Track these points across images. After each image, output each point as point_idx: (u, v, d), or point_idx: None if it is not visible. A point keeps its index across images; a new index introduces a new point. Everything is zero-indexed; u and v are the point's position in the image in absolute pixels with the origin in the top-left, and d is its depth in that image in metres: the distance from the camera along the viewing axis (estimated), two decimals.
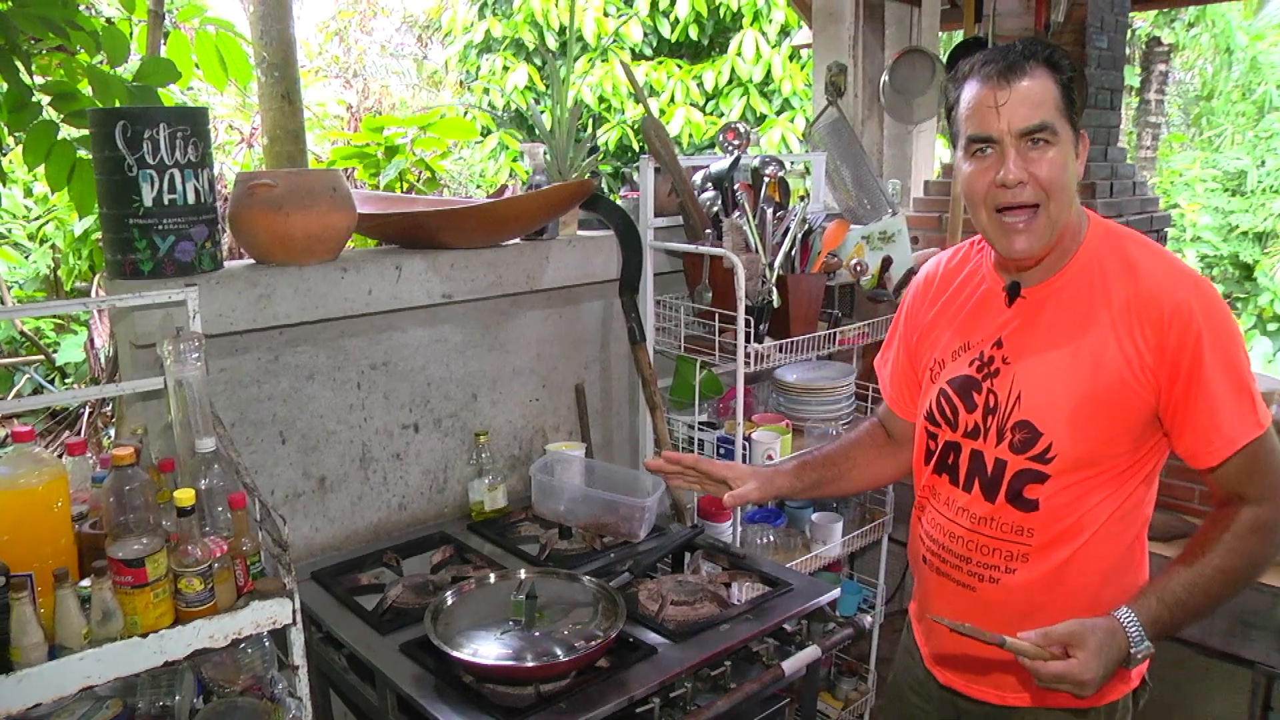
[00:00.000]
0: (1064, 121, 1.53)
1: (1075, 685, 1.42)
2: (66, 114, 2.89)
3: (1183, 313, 1.51)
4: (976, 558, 1.69)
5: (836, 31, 4.05)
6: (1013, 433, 1.63)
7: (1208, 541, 1.55)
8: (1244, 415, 1.52)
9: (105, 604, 1.49)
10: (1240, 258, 11.75)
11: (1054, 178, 1.52)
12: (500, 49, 10.04)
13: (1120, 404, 1.55)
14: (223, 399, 2.28)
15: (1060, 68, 1.53)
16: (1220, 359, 1.51)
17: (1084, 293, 1.60)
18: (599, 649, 1.87)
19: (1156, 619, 1.49)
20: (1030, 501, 1.62)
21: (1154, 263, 1.59)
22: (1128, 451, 1.59)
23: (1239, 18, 12.99)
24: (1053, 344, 1.60)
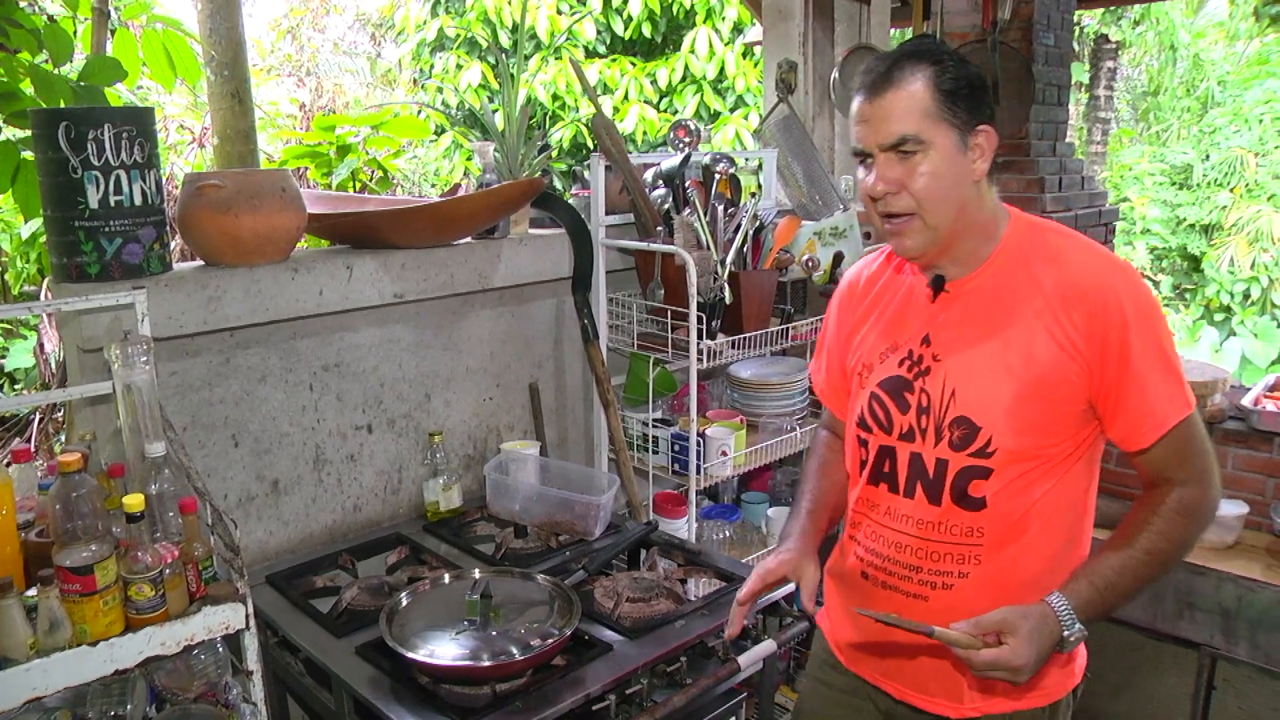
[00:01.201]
0: (940, 126, 1.51)
1: (1010, 672, 1.43)
2: (9, 114, 2.85)
3: (1110, 297, 1.53)
4: (928, 565, 1.65)
5: (786, 29, 4.07)
6: (950, 430, 1.60)
7: (1137, 524, 1.57)
8: (1173, 397, 1.54)
9: (52, 613, 1.47)
10: (1188, 249, 11.95)
11: (924, 187, 1.53)
12: (453, 47, 10.00)
13: (1055, 391, 1.55)
14: (173, 403, 2.26)
15: (937, 68, 1.51)
16: (1148, 342, 1.52)
17: (1009, 284, 1.60)
18: (554, 647, 1.87)
19: (1088, 602, 1.50)
20: (977, 500, 1.60)
21: (1078, 251, 1.60)
22: (1067, 440, 1.59)
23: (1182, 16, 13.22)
24: (982, 337, 1.60)
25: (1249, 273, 11.17)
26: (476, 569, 2.21)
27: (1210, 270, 11.51)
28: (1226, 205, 11.60)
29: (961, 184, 1.55)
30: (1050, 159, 3.94)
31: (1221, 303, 11.37)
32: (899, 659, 1.75)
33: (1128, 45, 13.70)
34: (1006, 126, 3.77)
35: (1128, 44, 13.64)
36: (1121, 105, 14.66)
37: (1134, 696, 3.26)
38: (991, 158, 1.57)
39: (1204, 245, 11.80)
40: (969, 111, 1.53)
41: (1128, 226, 11.76)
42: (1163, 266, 12.18)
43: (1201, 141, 12.53)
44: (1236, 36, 13.77)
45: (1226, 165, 11.87)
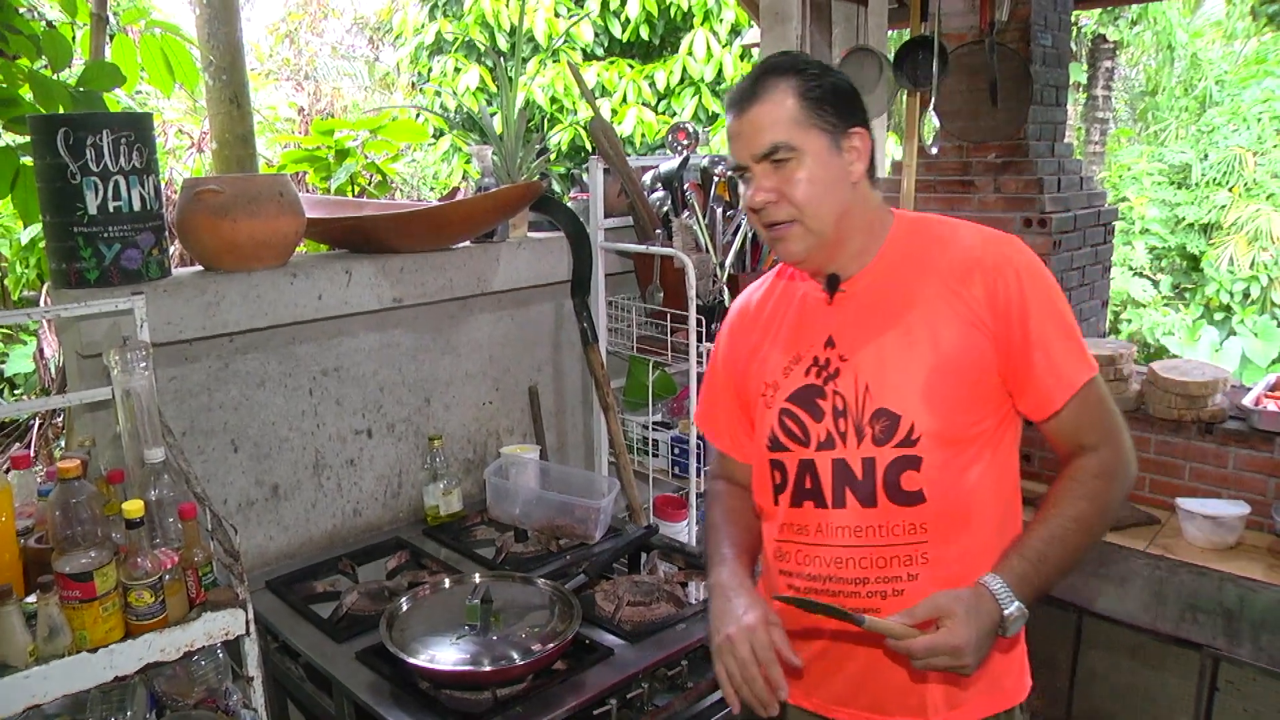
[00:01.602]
0: (809, 132, 1.52)
1: (951, 655, 1.38)
2: (8, 120, 2.85)
3: (1004, 264, 1.54)
4: (874, 574, 1.57)
5: (784, 31, 4.06)
6: (871, 426, 1.56)
7: (1059, 494, 1.56)
8: (1076, 358, 1.55)
9: (52, 620, 1.47)
10: (1187, 249, 11.94)
11: (800, 192, 1.53)
12: (451, 50, 9.99)
13: (966, 367, 1.54)
14: (172, 408, 2.26)
15: (800, 78, 1.53)
16: (1046, 305, 1.54)
17: (903, 273, 1.60)
18: (555, 651, 1.87)
19: (1022, 577, 1.47)
20: (913, 494, 1.55)
21: (965, 230, 1.62)
22: (987, 417, 1.58)
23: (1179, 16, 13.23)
24: (886, 327, 1.58)
25: (1248, 272, 11.17)
26: (477, 573, 2.21)
27: (1210, 269, 11.50)
28: (1225, 204, 11.59)
29: (839, 187, 1.56)
30: (1049, 159, 3.93)
31: (1221, 302, 11.36)
32: (851, 682, 1.66)
33: (1125, 45, 13.70)
34: (1005, 128, 3.77)
35: (1125, 44, 13.64)
36: (1119, 105, 14.67)
37: (1136, 699, 3.25)
38: (868, 159, 1.58)
39: (1203, 244, 11.79)
40: (839, 116, 1.54)
41: (1126, 226, 11.76)
42: (1162, 266, 12.17)
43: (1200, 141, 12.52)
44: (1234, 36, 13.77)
45: (1225, 164, 11.86)
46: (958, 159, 3.96)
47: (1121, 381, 3.54)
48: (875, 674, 1.63)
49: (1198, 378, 3.38)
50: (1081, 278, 4.01)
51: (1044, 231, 3.71)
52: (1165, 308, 11.55)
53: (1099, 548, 3.29)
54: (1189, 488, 3.42)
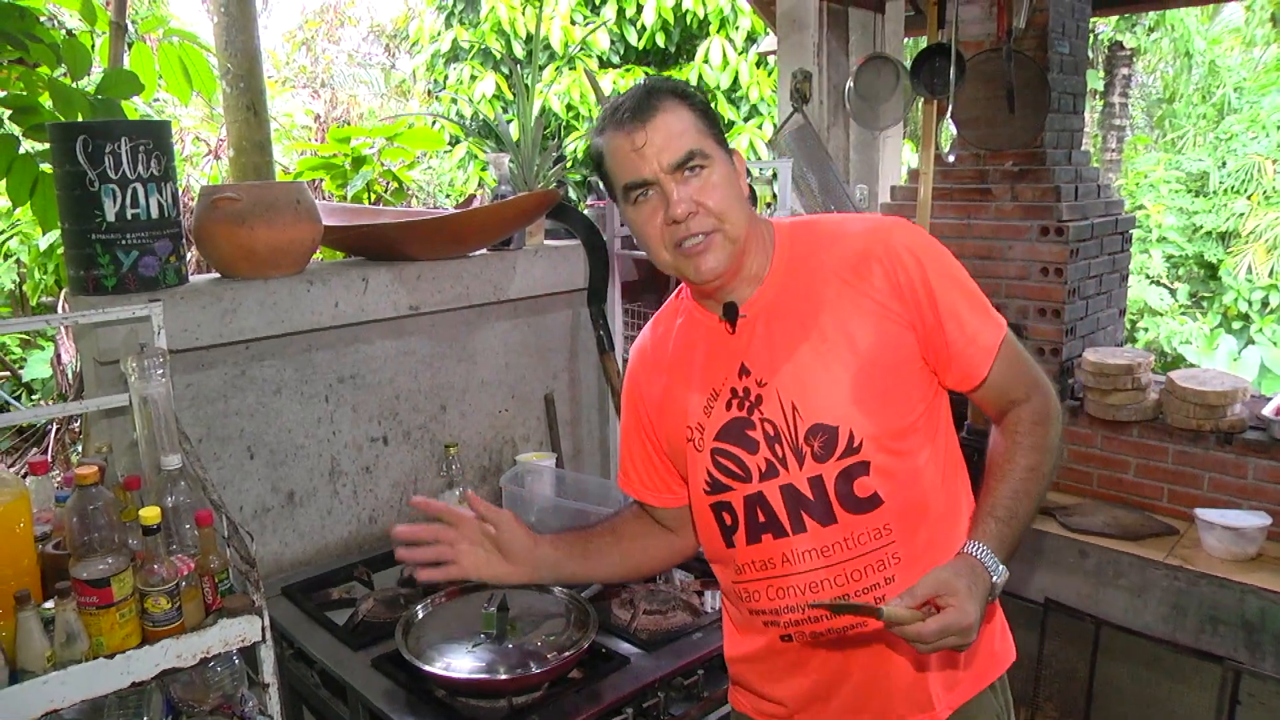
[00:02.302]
0: (711, 142, 1.51)
1: (960, 634, 1.34)
2: (27, 128, 2.87)
3: (896, 248, 1.52)
4: (852, 588, 1.54)
5: (801, 39, 4.07)
6: (808, 444, 1.52)
7: (1007, 449, 1.54)
8: (986, 320, 1.54)
9: (69, 625, 1.48)
10: (1205, 257, 11.88)
11: (718, 199, 1.49)
12: (467, 58, 10.03)
13: (890, 359, 1.52)
14: (189, 415, 2.26)
15: (690, 96, 1.52)
16: (946, 277, 1.53)
17: (799, 282, 1.57)
18: (571, 660, 1.87)
19: (1001, 538, 1.45)
20: (868, 499, 1.52)
21: (847, 224, 1.61)
22: (920, 403, 1.56)
23: (1197, 23, 13.17)
24: (796, 341, 1.54)
25: (1267, 280, 11.10)
26: None
27: (1228, 278, 11.44)
28: (1244, 212, 11.53)
29: (742, 198, 1.54)
30: (1066, 167, 3.92)
31: (1239, 311, 11.29)
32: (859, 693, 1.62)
33: (1143, 52, 13.65)
34: (1022, 135, 3.76)
35: (1143, 51, 13.60)
36: (1136, 112, 14.62)
37: (1155, 711, 3.23)
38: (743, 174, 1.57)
39: (1221, 253, 11.73)
40: (722, 135, 1.54)
41: (1144, 234, 11.71)
42: (1179, 274, 12.11)
43: (1218, 148, 12.46)
44: (1253, 43, 13.70)
45: (1243, 172, 11.80)
46: (974, 167, 3.94)
47: (1139, 391, 3.52)
48: (882, 681, 1.60)
49: (1216, 387, 3.36)
50: (1099, 286, 3.99)
51: (1061, 240, 3.70)
52: (1183, 316, 11.49)
53: (1112, 556, 3.27)
54: (1208, 498, 3.40)
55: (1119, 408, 3.54)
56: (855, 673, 1.59)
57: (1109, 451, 3.64)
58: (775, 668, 1.64)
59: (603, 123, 1.54)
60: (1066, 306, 3.72)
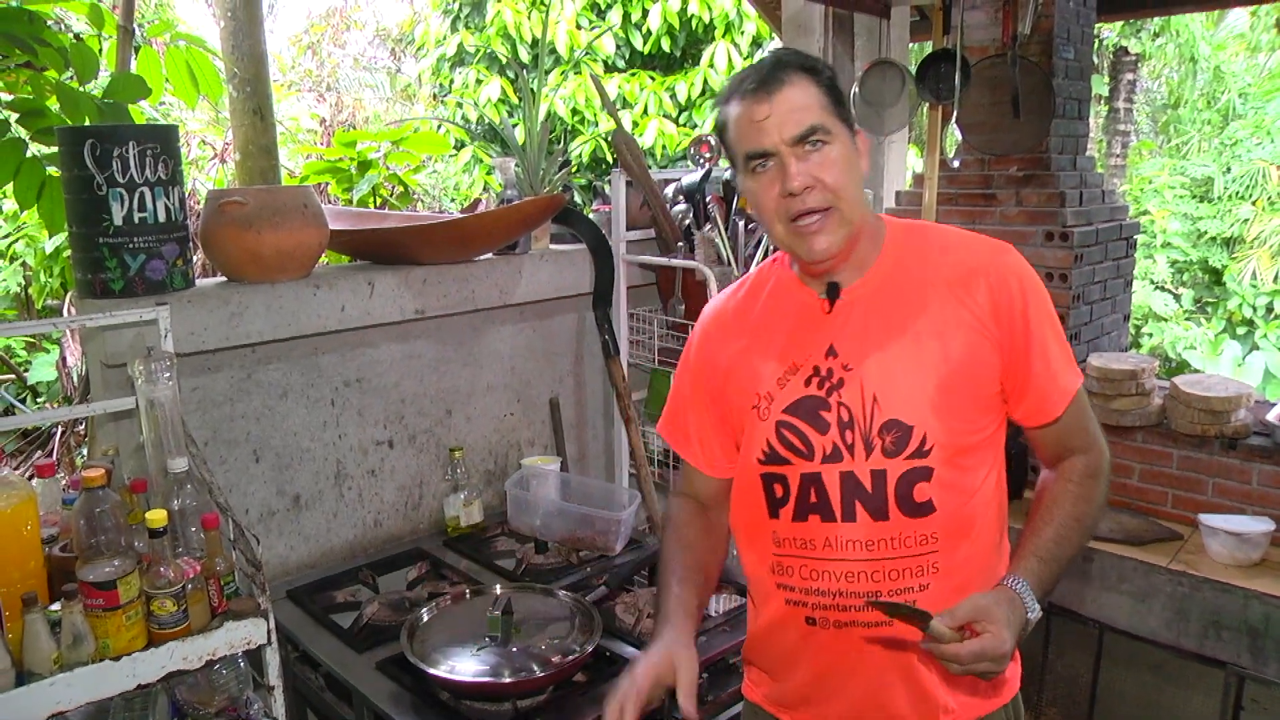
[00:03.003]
0: (835, 120, 1.50)
1: (995, 660, 1.36)
2: (35, 131, 2.87)
3: (1006, 273, 1.55)
4: (886, 586, 1.54)
5: (806, 44, 4.07)
6: (881, 437, 1.53)
7: (1057, 495, 1.59)
8: (1070, 366, 1.57)
9: (76, 628, 1.48)
10: (1209, 263, 11.87)
11: (837, 176, 1.50)
12: (473, 62, 10.04)
13: (975, 374, 1.54)
14: (195, 418, 2.27)
15: (818, 70, 1.52)
16: (1044, 313, 1.56)
17: (904, 281, 1.58)
18: (575, 663, 1.87)
19: (1040, 578, 1.48)
20: (923, 505, 1.53)
21: (962, 238, 1.62)
22: (988, 425, 1.58)
23: (1202, 28, 13.17)
24: (891, 336, 1.55)
25: (1272, 286, 11.09)
26: (498, 585, 2.21)
27: (1232, 283, 11.43)
28: (1248, 218, 11.52)
29: (860, 180, 1.55)
30: (1070, 173, 3.92)
31: (1244, 316, 11.28)
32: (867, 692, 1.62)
33: (1147, 58, 13.65)
34: (1027, 141, 3.76)
35: (1147, 56, 13.60)
36: (1141, 118, 14.62)
37: (1159, 717, 3.22)
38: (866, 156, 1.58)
39: (1225, 258, 11.73)
40: (847, 113, 1.54)
41: (1148, 240, 11.70)
42: (1184, 280, 12.11)
43: (1223, 154, 12.46)
44: (1258, 48, 13.70)
45: (1248, 178, 11.80)
46: (979, 172, 3.94)
47: (1144, 396, 3.52)
48: (884, 689, 1.60)
49: (1221, 393, 3.35)
50: (1103, 291, 3.98)
51: (1065, 245, 3.70)
52: (1187, 322, 11.48)
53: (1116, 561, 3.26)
54: (1212, 504, 3.39)
55: (1123, 413, 3.54)
56: (868, 672, 1.59)
57: (1113, 456, 3.59)
58: (792, 651, 1.65)
59: (728, 92, 1.56)
60: (1071, 312, 3.72)
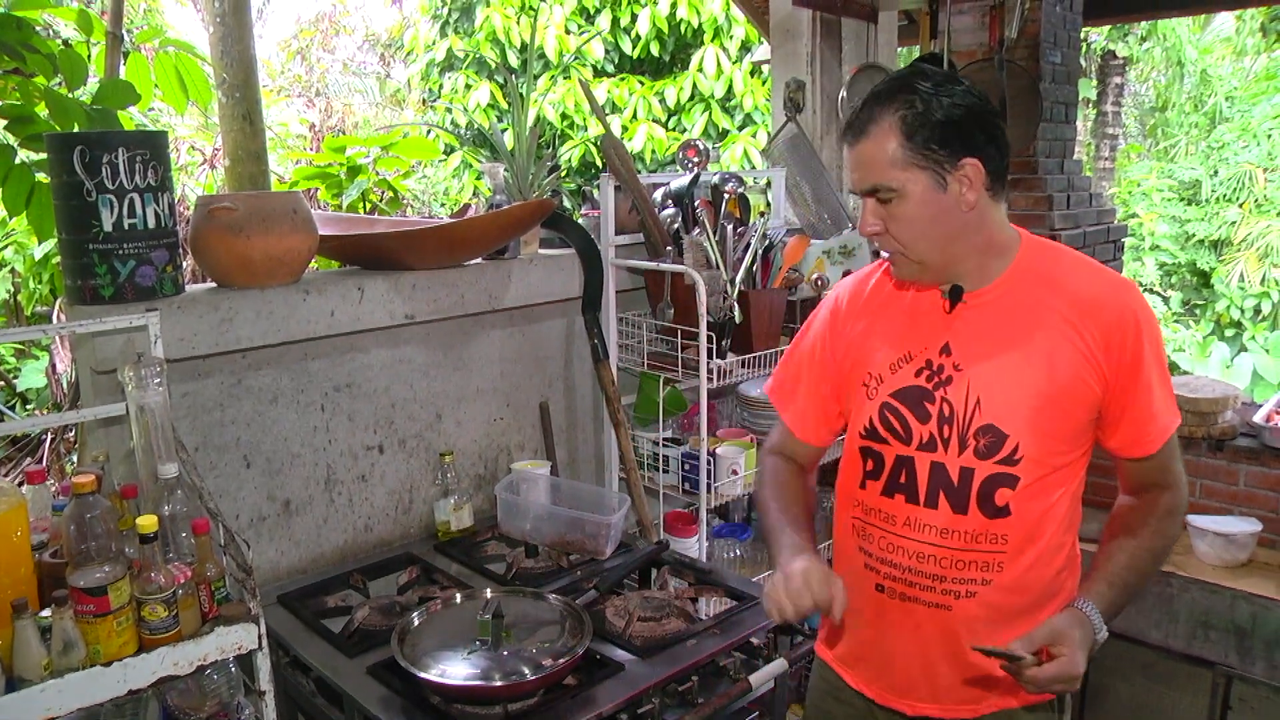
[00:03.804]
0: (909, 171, 1.55)
1: (1068, 681, 1.47)
2: (23, 138, 2.87)
3: (1126, 311, 1.60)
4: (952, 574, 1.66)
5: (794, 48, 4.08)
6: (976, 439, 1.63)
7: (1137, 526, 1.67)
8: (1171, 405, 1.64)
9: (66, 634, 1.48)
10: (1197, 265, 11.93)
11: (901, 230, 1.60)
12: (462, 67, 10.05)
13: (1074, 400, 1.61)
14: (185, 424, 2.27)
15: (905, 115, 1.54)
16: (1155, 354, 1.62)
17: (1027, 298, 1.64)
18: (566, 666, 1.87)
19: (1110, 603, 1.57)
20: (1002, 508, 1.63)
21: (1091, 270, 1.67)
22: (1079, 447, 1.66)
23: (1189, 32, 13.24)
24: (1004, 347, 1.63)
25: (1259, 288, 11.16)
26: (488, 589, 2.21)
27: (1220, 286, 11.49)
28: (1236, 221, 11.59)
29: (945, 220, 1.59)
30: (1058, 176, 3.94)
31: (1232, 318, 11.34)
32: (911, 674, 1.76)
33: (1135, 61, 13.72)
34: (1014, 144, 3.78)
35: (1135, 60, 13.67)
36: (1129, 121, 14.68)
37: (1148, 717, 3.24)
38: (982, 185, 1.58)
39: (1213, 261, 11.78)
40: (946, 149, 1.54)
41: (1136, 242, 11.75)
42: (1172, 282, 12.16)
43: (1210, 157, 12.53)
44: (1244, 52, 13.79)
45: (1235, 181, 11.87)
46: None
47: None
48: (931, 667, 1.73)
49: (1208, 394, 3.38)
50: None
51: None
52: (1175, 324, 11.53)
53: None
54: (1199, 505, 3.42)
55: None
56: (920, 646, 1.71)
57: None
58: (859, 611, 1.76)
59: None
60: None
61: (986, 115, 1.57)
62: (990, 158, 1.57)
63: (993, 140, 1.58)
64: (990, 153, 1.57)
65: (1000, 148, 1.59)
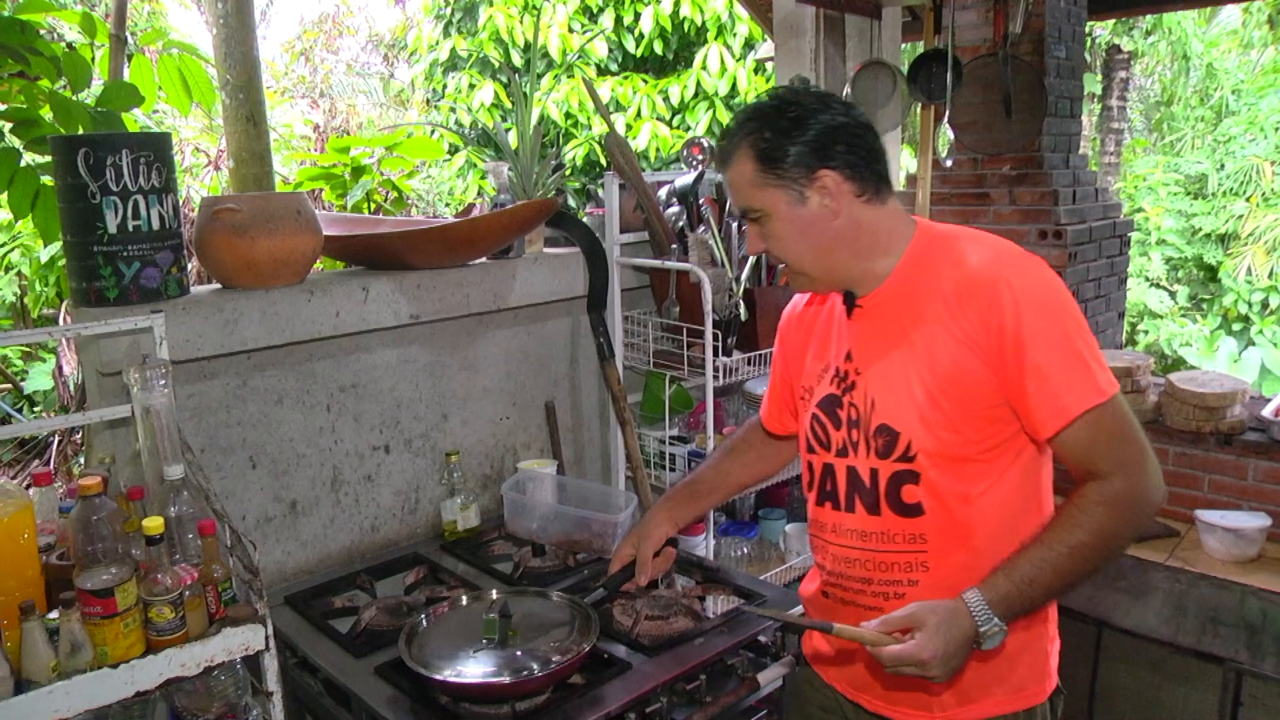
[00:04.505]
0: (767, 191, 1.61)
1: (917, 666, 1.44)
2: (28, 141, 2.87)
3: (1001, 290, 1.54)
4: (877, 576, 1.68)
5: (798, 45, 4.08)
6: (875, 439, 1.65)
7: (1059, 519, 1.55)
8: (1077, 384, 1.52)
9: (74, 635, 1.48)
10: (1204, 259, 11.89)
11: (774, 246, 1.67)
12: (466, 67, 10.05)
13: (963, 389, 1.57)
14: (191, 425, 2.27)
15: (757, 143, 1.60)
16: (1045, 332, 1.52)
17: (914, 293, 1.64)
18: (572, 664, 1.87)
19: (1005, 596, 1.49)
20: (912, 506, 1.63)
21: (981, 251, 1.62)
22: (987, 438, 1.60)
23: (1194, 25, 13.20)
24: (893, 345, 1.64)
25: (1267, 282, 11.12)
26: (494, 589, 2.21)
27: (1227, 280, 11.45)
28: (1243, 214, 11.55)
29: (813, 232, 1.63)
30: (1063, 171, 3.93)
31: (1239, 312, 11.30)
32: (866, 670, 1.77)
33: (1140, 55, 13.69)
34: (1019, 140, 3.77)
35: (1140, 54, 13.63)
36: (1135, 115, 14.65)
37: (1158, 713, 3.23)
38: (848, 194, 1.61)
39: (1220, 255, 11.75)
40: (799, 165, 1.59)
41: (1142, 237, 11.72)
42: (1179, 277, 12.13)
43: (1216, 151, 12.49)
44: (1250, 45, 13.74)
45: (1242, 174, 11.83)
46: (972, 171, 3.96)
47: (1139, 393, 3.53)
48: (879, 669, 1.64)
49: (1216, 389, 3.36)
50: (1097, 289, 4.00)
51: (1059, 243, 3.71)
52: (1183, 319, 11.50)
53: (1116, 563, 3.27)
54: (1208, 500, 3.40)
55: None
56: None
57: None
58: (819, 615, 1.81)
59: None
60: None
61: (846, 127, 1.60)
62: (852, 165, 1.60)
63: (855, 149, 1.61)
64: (851, 160, 1.60)
65: (867, 154, 1.62)
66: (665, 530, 2.04)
